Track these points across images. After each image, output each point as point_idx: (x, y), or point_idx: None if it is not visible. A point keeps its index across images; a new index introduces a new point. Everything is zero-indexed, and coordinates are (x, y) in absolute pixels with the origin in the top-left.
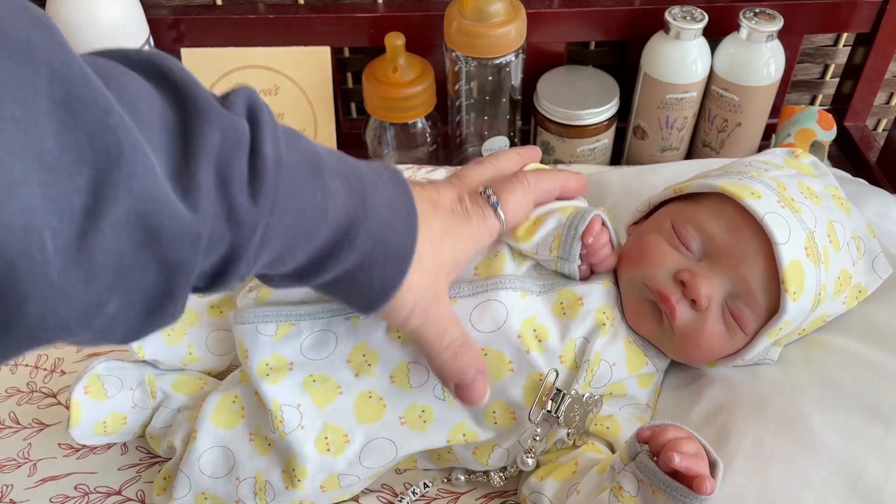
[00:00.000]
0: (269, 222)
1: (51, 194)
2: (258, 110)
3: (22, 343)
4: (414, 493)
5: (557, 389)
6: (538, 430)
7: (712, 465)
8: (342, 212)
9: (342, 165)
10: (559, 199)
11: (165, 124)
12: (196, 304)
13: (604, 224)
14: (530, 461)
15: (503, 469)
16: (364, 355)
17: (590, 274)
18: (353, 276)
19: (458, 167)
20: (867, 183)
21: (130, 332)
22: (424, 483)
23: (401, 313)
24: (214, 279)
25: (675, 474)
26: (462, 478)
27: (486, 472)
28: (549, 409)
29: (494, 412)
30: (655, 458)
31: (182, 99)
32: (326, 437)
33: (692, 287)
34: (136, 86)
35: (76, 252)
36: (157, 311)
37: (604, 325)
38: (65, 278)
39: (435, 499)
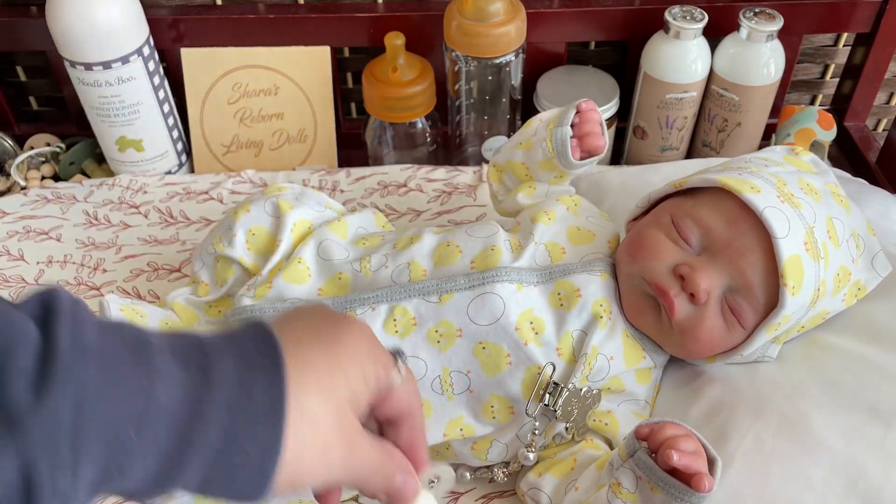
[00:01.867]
0: (74, 422)
1: None
2: (55, 301)
3: None
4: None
5: (555, 383)
6: (537, 423)
7: (711, 463)
8: (177, 391)
9: (178, 342)
10: None
11: None
12: (194, 303)
13: None
14: (531, 455)
15: (506, 464)
16: None
17: (579, 155)
18: (227, 463)
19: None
20: (867, 183)
21: None
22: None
23: (303, 483)
24: None
25: (674, 472)
26: (468, 475)
27: (489, 468)
28: (546, 402)
29: (493, 406)
30: (654, 455)
31: None
32: None
33: (691, 281)
34: None
35: None
36: None
37: (601, 317)
38: None
39: None
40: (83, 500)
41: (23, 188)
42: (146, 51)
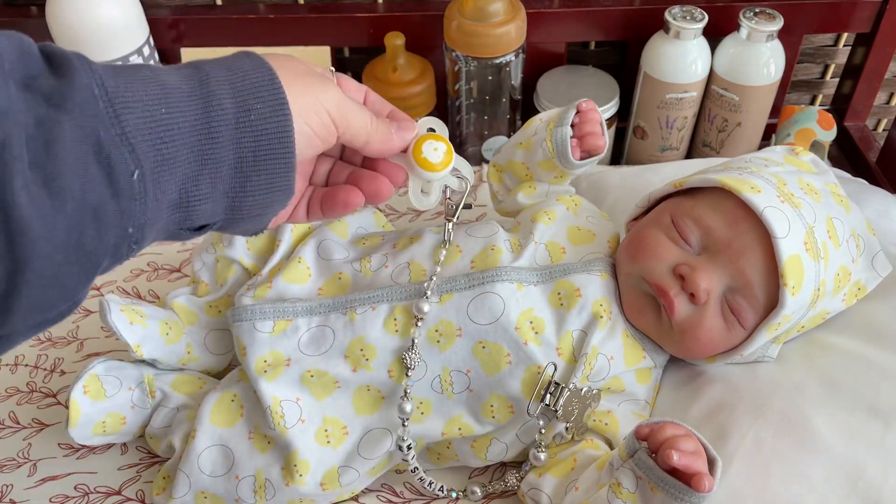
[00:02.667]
0: (105, 97)
1: None
2: (53, 46)
3: None
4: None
5: (556, 383)
6: (540, 422)
7: (711, 463)
8: (180, 79)
9: (169, 67)
10: None
11: None
12: (194, 303)
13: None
14: (542, 455)
15: (517, 469)
16: (361, 350)
17: (579, 155)
18: (248, 124)
19: None
20: (867, 183)
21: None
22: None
23: (318, 114)
24: (110, 180)
25: (674, 471)
26: (478, 490)
27: (502, 479)
28: (547, 402)
29: (492, 406)
30: (654, 455)
31: None
32: (326, 430)
33: (691, 281)
34: None
35: None
36: (7, 228)
37: (601, 317)
38: None
39: (435, 498)
40: (150, 176)
41: None
42: (146, 51)
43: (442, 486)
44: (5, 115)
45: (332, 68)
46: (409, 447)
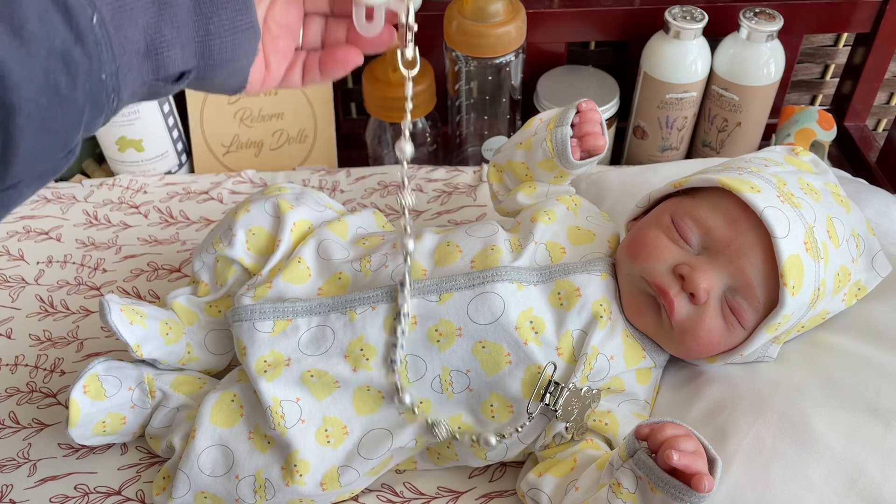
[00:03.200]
0: None
1: None
2: None
3: None
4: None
5: (556, 383)
6: (528, 423)
7: (711, 463)
8: None
9: None
10: None
11: None
12: (194, 303)
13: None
14: (493, 440)
15: (518, 467)
16: (361, 349)
17: (579, 155)
18: None
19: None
20: (867, 183)
21: None
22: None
23: None
24: (70, 23)
25: (674, 472)
26: (493, 440)
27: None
28: (546, 402)
29: (492, 405)
30: (654, 455)
31: None
32: (326, 430)
33: (691, 281)
34: None
35: None
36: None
37: (601, 317)
38: None
39: (435, 497)
40: (108, 16)
41: None
42: None
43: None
44: None
45: None
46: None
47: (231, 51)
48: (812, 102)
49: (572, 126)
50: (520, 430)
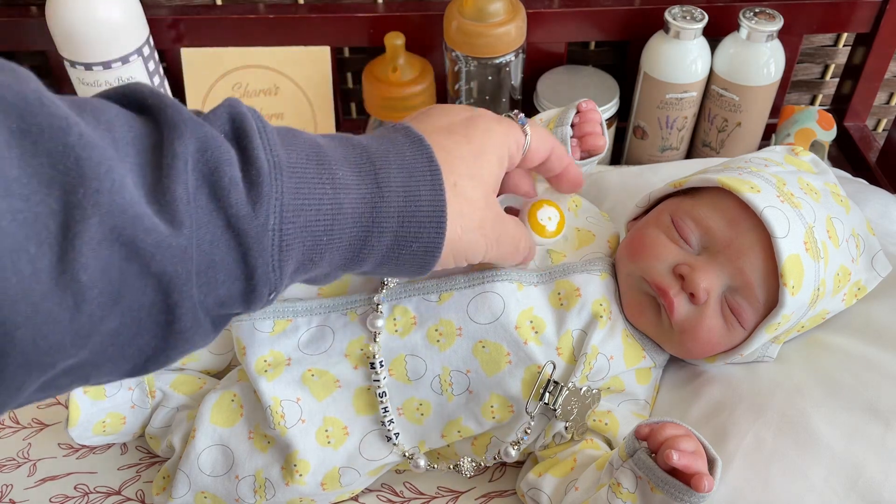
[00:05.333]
0: (280, 227)
1: (23, 219)
2: (243, 117)
3: (25, 370)
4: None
5: (555, 382)
6: (532, 422)
7: (711, 463)
8: (358, 200)
9: (347, 151)
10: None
11: (140, 142)
12: None
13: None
14: (513, 452)
15: (518, 467)
16: (362, 349)
17: (579, 155)
18: (396, 257)
19: None
20: (867, 183)
21: (148, 351)
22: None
23: (457, 260)
24: (246, 298)
25: (674, 472)
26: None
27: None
28: (546, 401)
29: (492, 406)
30: (654, 455)
31: (156, 117)
32: (327, 430)
33: (691, 281)
34: (114, 111)
35: (59, 274)
36: (167, 329)
37: (601, 317)
38: (51, 301)
39: (435, 497)
40: (285, 284)
41: None
42: (146, 51)
43: (413, 454)
44: (186, 251)
45: (528, 128)
46: (381, 364)
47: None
48: (812, 102)
49: (572, 126)
50: (522, 440)
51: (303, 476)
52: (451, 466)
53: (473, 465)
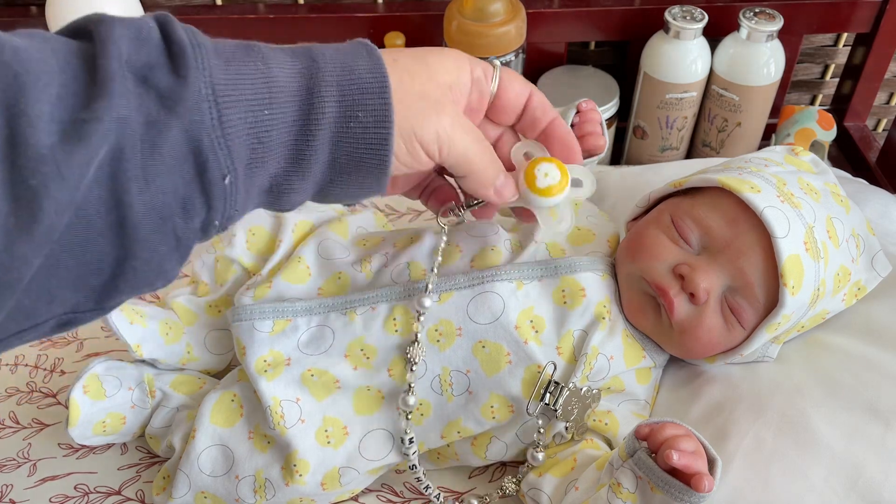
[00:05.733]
0: (213, 98)
1: None
2: (167, 16)
3: None
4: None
5: (556, 382)
6: (540, 422)
7: (711, 463)
8: (291, 73)
9: (283, 47)
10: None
11: (77, 53)
12: (194, 303)
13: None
14: (540, 456)
15: (517, 467)
16: (362, 349)
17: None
18: (347, 131)
19: None
20: (867, 183)
21: (110, 262)
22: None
23: (420, 140)
24: (202, 182)
25: (674, 471)
26: (475, 502)
27: (500, 488)
28: (546, 401)
29: (492, 406)
30: (654, 455)
31: (90, 29)
32: (326, 430)
33: (691, 281)
34: (50, 34)
35: (11, 185)
36: (120, 230)
37: (603, 318)
38: (6, 212)
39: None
40: (242, 175)
41: None
42: None
43: (438, 494)
44: (125, 122)
45: (499, 62)
46: (410, 440)
47: (350, 198)
48: (812, 102)
49: (572, 126)
50: (540, 441)
51: (303, 476)
52: (500, 497)
53: (513, 482)
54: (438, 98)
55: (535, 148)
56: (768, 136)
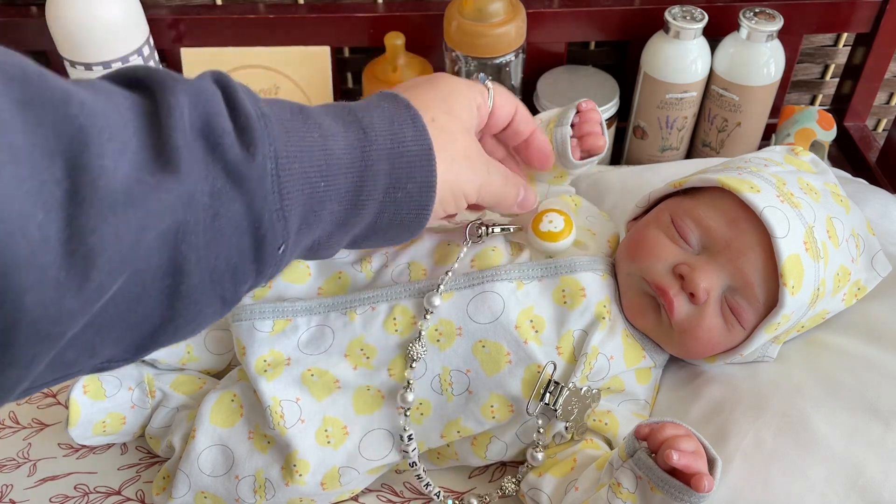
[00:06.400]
0: (276, 172)
1: (29, 188)
2: (225, 77)
3: (35, 340)
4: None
5: (555, 382)
6: (539, 422)
7: (711, 463)
8: (347, 146)
9: (328, 108)
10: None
11: (138, 107)
12: None
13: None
14: (540, 456)
15: (517, 467)
16: (362, 349)
17: (579, 155)
18: (393, 200)
19: None
20: (867, 183)
21: (154, 320)
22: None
23: (456, 198)
24: (257, 255)
25: (674, 471)
26: (474, 502)
27: (500, 488)
28: (546, 401)
29: (492, 406)
30: (654, 455)
31: (149, 86)
32: (326, 430)
33: (690, 280)
34: (109, 84)
35: (67, 239)
36: (173, 293)
37: (603, 318)
38: (60, 265)
39: (435, 497)
40: (292, 242)
41: None
42: (146, 51)
43: (439, 492)
44: (192, 196)
45: (489, 83)
46: (410, 438)
47: (379, 245)
48: (812, 102)
49: (572, 126)
50: (539, 441)
51: (303, 476)
52: (499, 497)
53: (512, 482)
54: (476, 152)
55: (557, 203)
56: (768, 136)
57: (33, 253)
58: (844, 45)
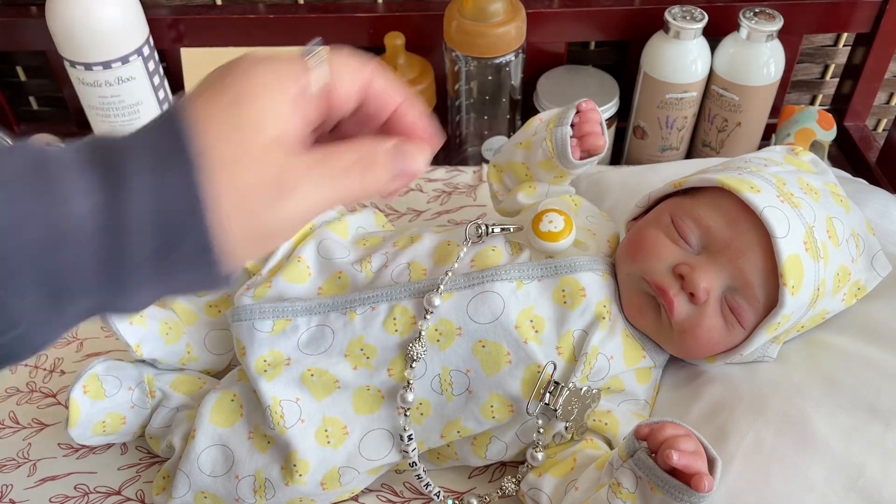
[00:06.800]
0: None
1: None
2: None
3: None
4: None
5: (555, 382)
6: (539, 422)
7: (711, 463)
8: (90, 209)
9: (89, 149)
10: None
11: None
12: (194, 303)
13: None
14: (540, 455)
15: (517, 468)
16: (362, 349)
17: (579, 155)
18: (172, 262)
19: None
20: (867, 183)
21: None
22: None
23: (273, 238)
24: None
25: (674, 471)
26: (474, 502)
27: (500, 489)
28: (546, 401)
29: (492, 406)
30: (654, 455)
31: None
32: (326, 430)
33: (690, 280)
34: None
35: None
36: None
37: (603, 318)
38: None
39: (435, 497)
40: (43, 330)
41: None
42: (146, 51)
43: (439, 492)
44: None
45: (319, 51)
46: (409, 437)
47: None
48: (812, 102)
49: (572, 126)
50: (540, 441)
51: (302, 476)
52: (499, 497)
53: (512, 482)
54: (278, 173)
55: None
56: (768, 136)
57: None
58: (844, 45)
